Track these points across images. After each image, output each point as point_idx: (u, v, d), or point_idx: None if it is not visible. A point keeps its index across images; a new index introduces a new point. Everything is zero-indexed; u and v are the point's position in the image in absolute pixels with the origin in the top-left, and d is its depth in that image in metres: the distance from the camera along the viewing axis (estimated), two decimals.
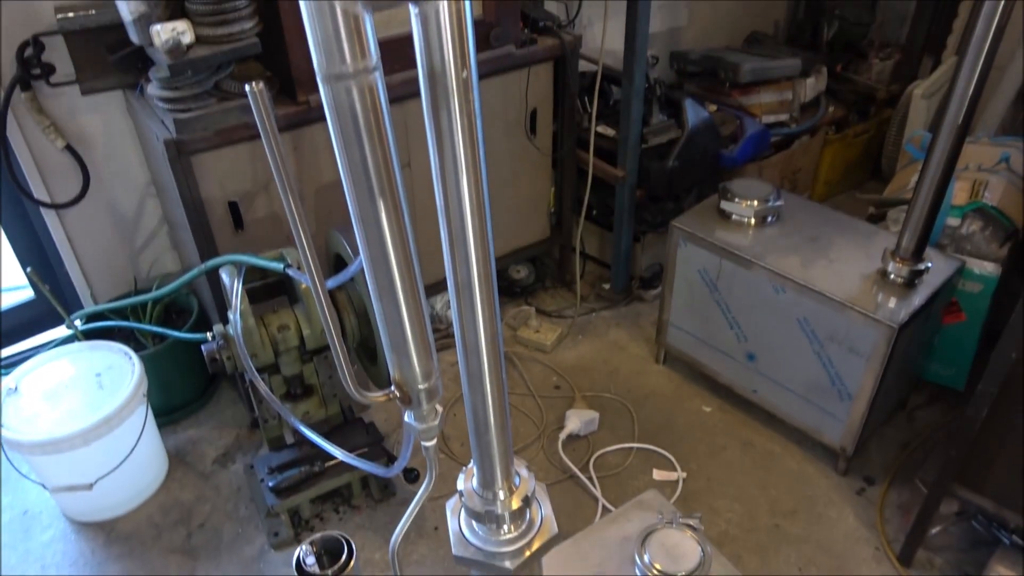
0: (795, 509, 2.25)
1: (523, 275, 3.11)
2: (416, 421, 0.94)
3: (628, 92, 2.59)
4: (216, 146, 2.09)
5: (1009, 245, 2.29)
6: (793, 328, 2.23)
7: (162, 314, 2.62)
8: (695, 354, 2.61)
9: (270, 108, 0.66)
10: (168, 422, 2.59)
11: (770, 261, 2.23)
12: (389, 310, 0.82)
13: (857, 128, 3.47)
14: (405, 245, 0.77)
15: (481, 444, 1.01)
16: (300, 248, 0.82)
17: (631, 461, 2.41)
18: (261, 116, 0.66)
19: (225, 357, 1.93)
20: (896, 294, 2.10)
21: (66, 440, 2.05)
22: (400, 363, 0.87)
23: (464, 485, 1.10)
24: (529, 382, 2.72)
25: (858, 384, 2.15)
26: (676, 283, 2.53)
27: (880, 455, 2.41)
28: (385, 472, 1.35)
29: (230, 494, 2.36)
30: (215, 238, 2.24)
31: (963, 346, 2.41)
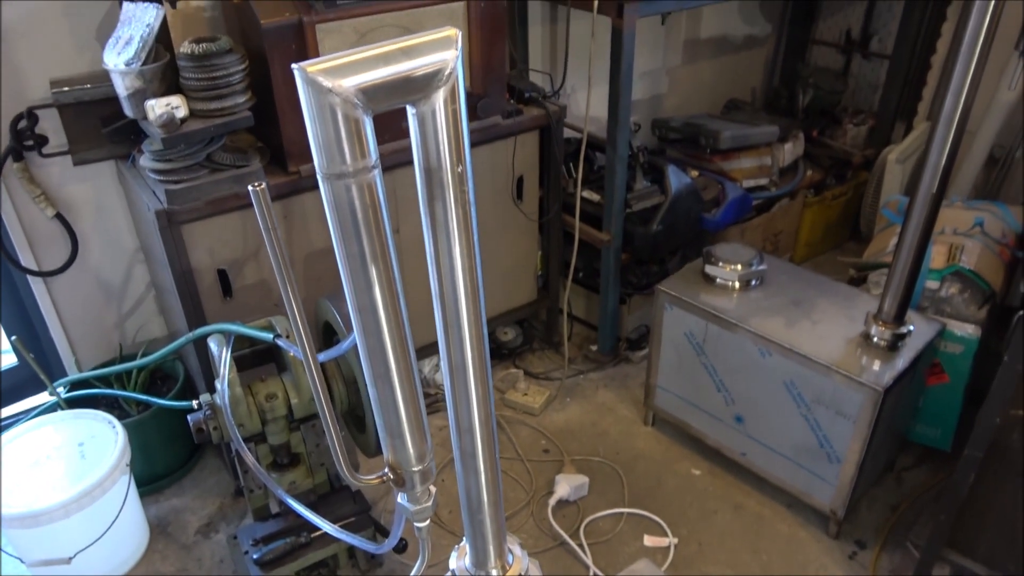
0: (788, 575, 2.23)
1: (511, 337, 3.13)
2: (409, 503, 0.94)
3: (612, 159, 2.65)
4: (206, 215, 2.11)
5: (987, 307, 2.34)
6: (780, 391, 2.25)
7: (147, 380, 2.60)
8: (683, 416, 2.61)
9: (271, 207, 0.68)
10: (151, 491, 2.54)
11: (755, 324, 2.26)
12: (384, 394, 0.83)
13: (835, 191, 3.56)
14: (401, 330, 0.79)
15: (474, 523, 1.01)
16: (292, 320, 0.84)
17: (622, 527, 2.39)
18: (263, 214, 0.68)
19: (212, 427, 1.91)
20: (880, 357, 2.13)
21: (46, 513, 2.01)
22: (394, 446, 0.88)
23: (456, 563, 1.09)
24: (518, 446, 2.70)
25: (846, 446, 2.16)
26: (663, 346, 2.55)
27: (871, 517, 2.41)
28: (375, 548, 1.33)
29: (212, 566, 2.30)
30: (203, 305, 2.24)
31: (947, 407, 2.43)
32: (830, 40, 3.86)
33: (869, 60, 3.76)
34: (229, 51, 2.01)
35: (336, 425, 0.89)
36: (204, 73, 1.98)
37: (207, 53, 1.98)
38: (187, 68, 1.99)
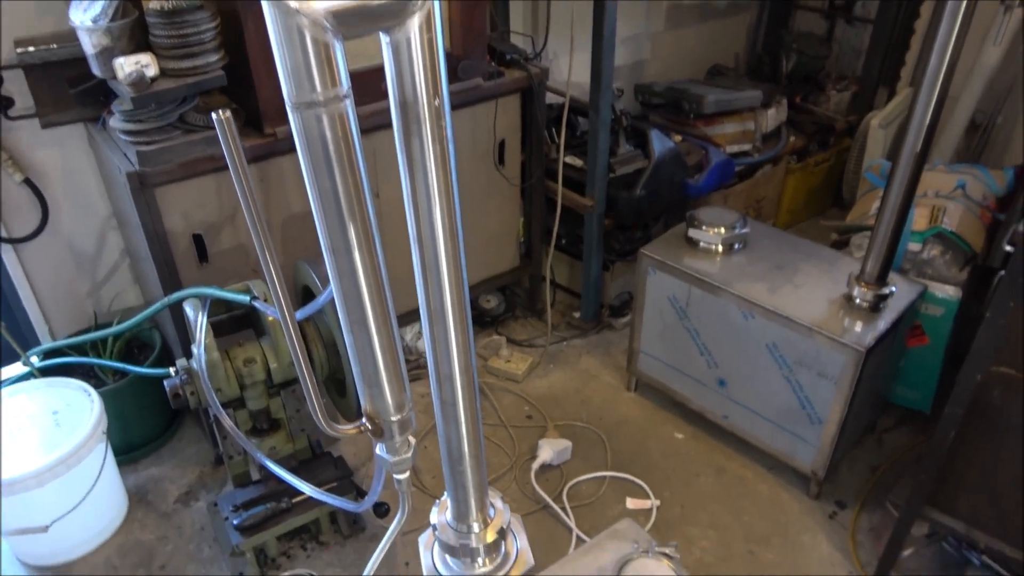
0: (769, 535, 2.25)
1: (493, 305, 3.10)
2: (388, 454, 0.92)
3: (595, 123, 2.62)
4: (180, 178, 2.06)
5: (968, 269, 2.35)
6: (762, 354, 2.25)
7: (123, 349, 2.56)
8: (666, 381, 2.61)
9: (237, 137, 0.65)
10: (128, 460, 2.51)
11: (738, 287, 2.26)
12: (360, 341, 0.80)
13: (818, 157, 3.55)
14: (377, 273, 0.76)
15: (455, 475, 0.99)
16: (268, 277, 0.81)
17: (604, 490, 2.39)
18: (228, 144, 0.65)
19: (189, 392, 1.88)
20: (862, 318, 2.14)
21: (20, 481, 1.97)
22: (372, 395, 0.86)
23: (437, 518, 1.08)
24: (501, 412, 2.69)
25: (828, 408, 2.16)
26: (646, 310, 2.54)
27: (851, 478, 2.43)
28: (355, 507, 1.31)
29: (193, 534, 2.28)
30: (179, 271, 2.19)
31: (928, 369, 2.45)
32: (814, 5, 3.82)
33: (853, 25, 3.74)
34: (200, 7, 1.95)
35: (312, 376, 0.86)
36: (174, 30, 1.92)
37: (177, 9, 1.91)
38: (156, 25, 1.92)
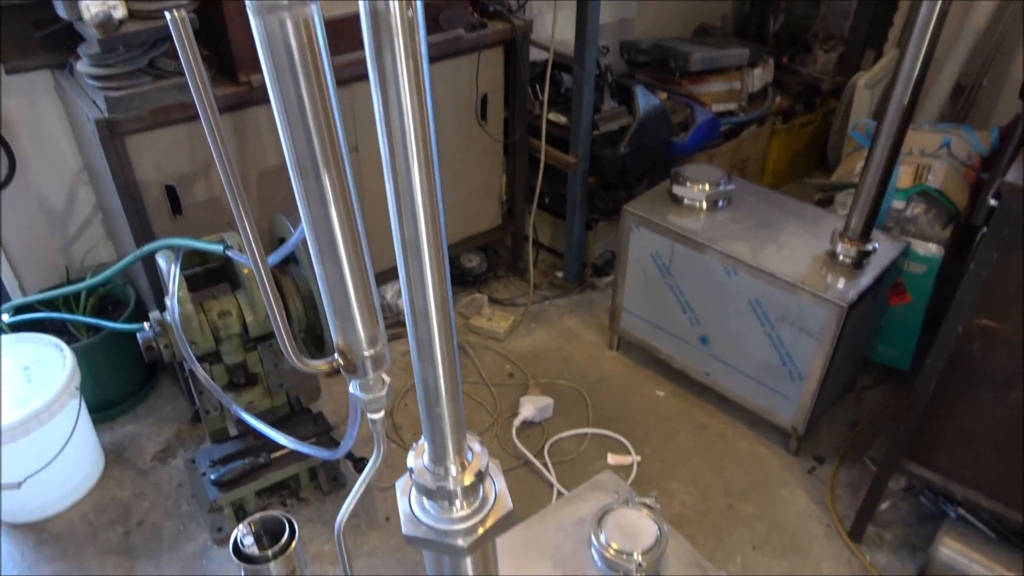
0: (748, 489, 2.26)
1: (475, 264, 3.07)
2: (362, 392, 0.89)
3: (579, 78, 2.57)
4: (151, 127, 2.00)
5: (952, 227, 2.34)
6: (745, 310, 2.24)
7: (97, 306, 2.50)
8: (649, 339, 2.60)
9: (193, 40, 0.61)
10: (104, 418, 2.47)
11: (722, 244, 2.24)
12: (331, 270, 0.77)
13: (803, 119, 3.52)
14: (347, 197, 0.73)
15: (431, 417, 0.96)
16: (237, 216, 0.77)
17: (586, 446, 2.39)
18: (185, 50, 0.61)
19: (162, 345, 1.84)
20: (845, 275, 2.13)
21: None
22: (343, 328, 0.82)
23: (414, 462, 1.05)
24: (482, 370, 2.68)
25: (809, 364, 2.16)
26: (629, 268, 2.52)
27: (830, 435, 2.44)
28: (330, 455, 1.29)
29: (170, 490, 2.26)
30: (152, 224, 2.14)
31: (909, 327, 2.46)
32: None
33: None
34: None
35: (279, 303, 0.83)
36: None
37: None
38: None
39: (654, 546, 1.52)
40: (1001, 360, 1.68)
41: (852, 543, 2.11)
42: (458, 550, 1.05)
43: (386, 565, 2.06)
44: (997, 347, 1.67)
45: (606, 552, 1.52)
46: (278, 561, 0.88)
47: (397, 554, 2.08)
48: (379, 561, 2.07)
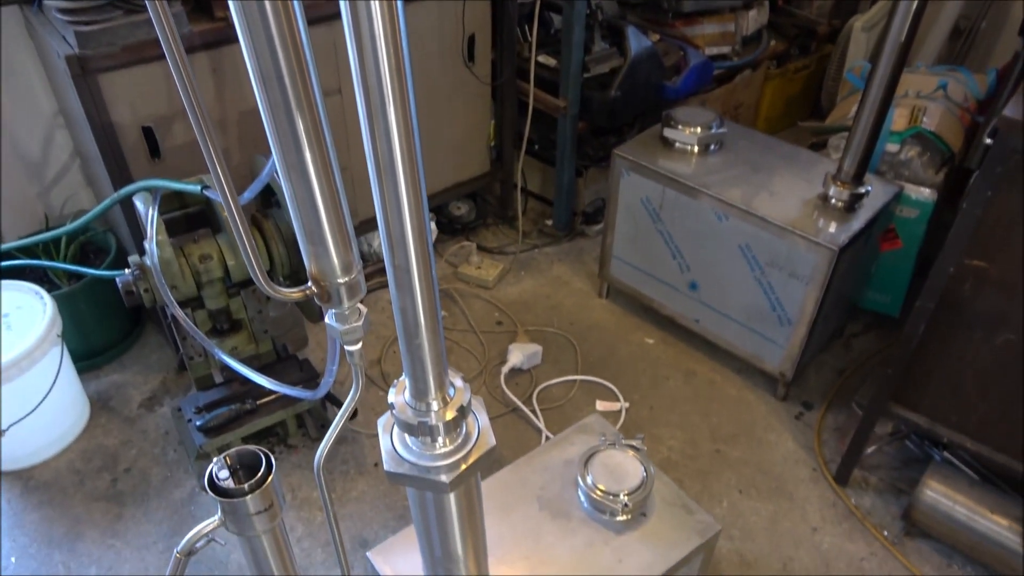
0: (735, 435, 2.27)
1: (464, 212, 3.03)
2: (338, 322, 0.87)
3: (569, 16, 2.49)
4: (125, 64, 1.92)
5: (945, 171, 2.31)
6: (735, 255, 2.22)
7: (78, 254, 2.46)
8: (638, 286, 2.58)
9: None
10: (89, 367, 2.45)
11: (713, 188, 2.20)
12: (300, 190, 0.73)
13: (798, 63, 3.45)
14: (313, 109, 0.69)
15: (411, 349, 0.94)
16: (204, 148, 0.73)
17: (574, 393, 2.39)
18: None
19: (142, 289, 1.80)
20: (837, 218, 2.10)
21: None
22: (316, 253, 0.79)
23: (396, 398, 1.03)
24: (471, 318, 2.66)
25: (798, 309, 2.15)
26: (619, 214, 2.48)
27: (818, 381, 2.45)
28: (311, 395, 1.27)
29: (157, 438, 2.25)
30: (129, 168, 2.08)
31: (899, 273, 2.44)
32: None
33: None
34: None
35: (250, 234, 0.80)
36: None
37: None
38: None
39: (640, 487, 1.52)
40: (991, 301, 1.66)
41: (837, 486, 2.12)
42: (441, 486, 1.03)
43: (375, 510, 2.06)
44: (987, 288, 1.65)
45: (592, 493, 1.52)
46: (255, 495, 0.86)
47: (386, 499, 2.09)
48: (368, 506, 2.07)
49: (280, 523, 0.94)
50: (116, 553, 1.97)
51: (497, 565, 1.43)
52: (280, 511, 0.92)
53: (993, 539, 1.84)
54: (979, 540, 1.86)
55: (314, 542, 1.99)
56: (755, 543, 1.99)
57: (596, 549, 1.47)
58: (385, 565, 1.45)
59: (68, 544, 1.98)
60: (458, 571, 1.24)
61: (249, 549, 0.94)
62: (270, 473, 0.88)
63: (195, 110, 0.71)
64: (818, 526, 2.03)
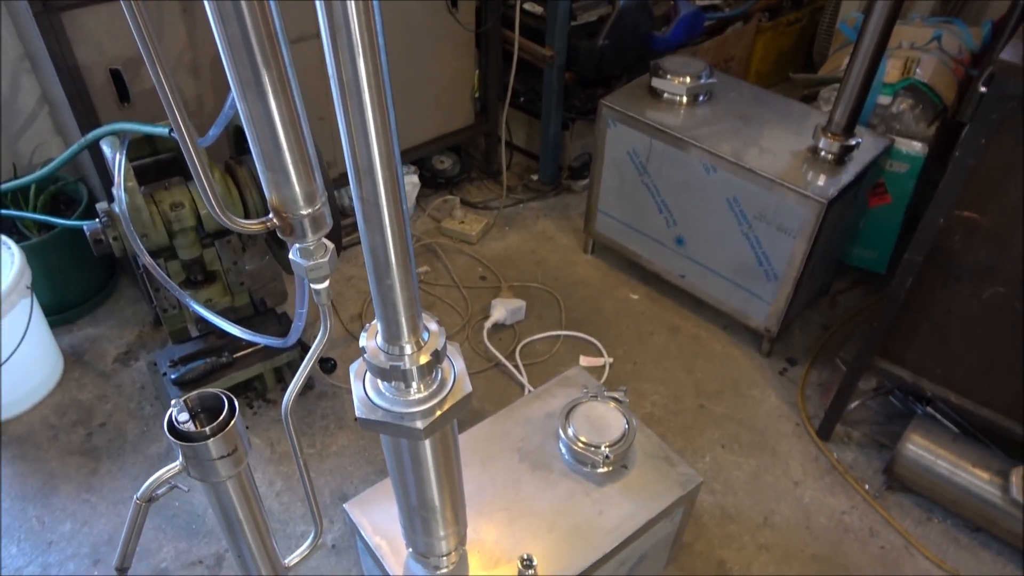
0: (719, 390, 2.25)
1: (447, 166, 2.96)
2: (302, 258, 0.82)
3: None
4: (89, 0, 1.83)
5: (937, 124, 2.27)
6: (722, 209, 2.18)
7: (48, 204, 2.38)
8: (624, 241, 2.54)
9: None
10: (62, 320, 2.39)
11: (701, 140, 2.15)
12: (255, 108, 0.68)
13: (790, 16, 3.37)
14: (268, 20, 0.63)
15: (382, 289, 0.90)
16: (154, 75, 0.67)
17: (558, 348, 2.36)
18: None
19: (111, 238, 1.74)
20: (826, 171, 2.06)
21: None
22: (276, 182, 0.74)
23: (367, 342, 0.99)
24: (454, 273, 2.61)
25: (785, 264, 2.12)
26: (605, 167, 2.43)
27: (803, 338, 2.43)
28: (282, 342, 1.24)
29: (133, 392, 2.21)
30: (98, 114, 2.00)
31: (887, 229, 2.41)
32: None
33: None
34: None
35: (205, 160, 0.75)
36: None
37: None
38: None
39: (622, 439, 1.50)
40: (980, 253, 1.64)
41: (820, 441, 2.12)
42: (415, 433, 1.00)
43: (355, 464, 2.04)
44: (977, 240, 1.62)
45: (574, 445, 1.50)
46: (217, 439, 0.82)
47: (366, 454, 2.06)
48: (348, 461, 2.05)
49: (246, 469, 0.90)
50: (91, 507, 1.94)
51: (476, 517, 1.41)
52: (246, 456, 0.89)
53: (974, 492, 1.84)
54: (960, 493, 1.86)
55: (293, 496, 1.97)
56: (737, 497, 1.98)
57: (577, 501, 1.46)
58: (362, 517, 1.43)
59: (42, 499, 1.95)
60: (435, 521, 1.21)
61: (214, 496, 0.91)
62: (233, 417, 0.84)
63: (143, 35, 0.66)
64: (800, 480, 2.03)
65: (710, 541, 1.89)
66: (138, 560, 1.82)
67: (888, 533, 1.92)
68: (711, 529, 1.91)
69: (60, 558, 1.83)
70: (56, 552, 1.84)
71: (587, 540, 1.40)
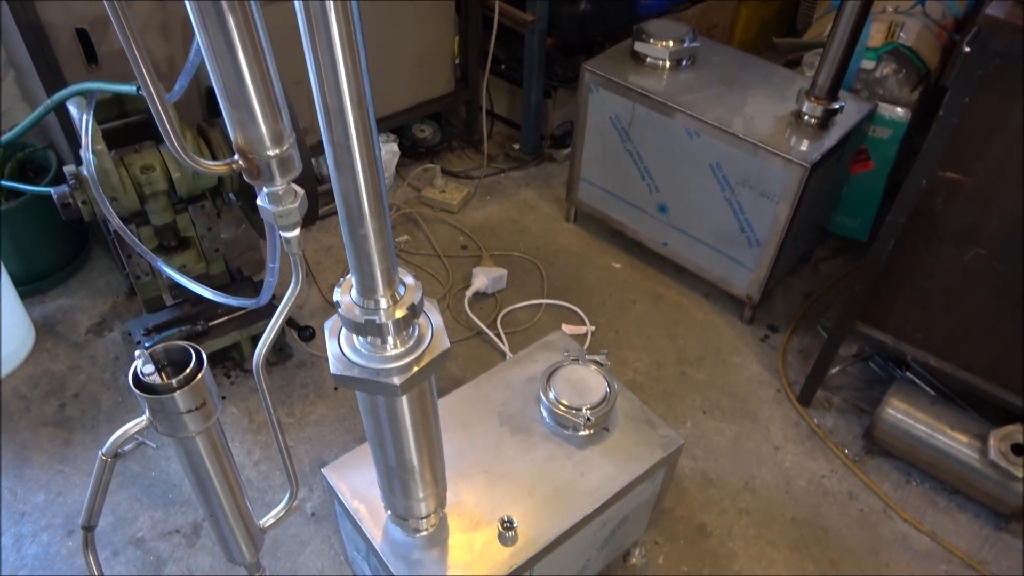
0: (701, 357, 2.25)
1: (428, 134, 2.92)
2: (271, 203, 0.79)
3: None
4: None
5: (920, 89, 2.25)
6: (705, 175, 2.16)
7: (16, 172, 2.32)
8: (606, 209, 2.52)
9: None
10: (33, 291, 2.34)
11: (684, 104, 2.13)
12: (215, 39, 0.65)
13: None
14: None
15: (356, 240, 0.87)
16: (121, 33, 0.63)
17: (540, 317, 2.34)
18: None
19: (80, 201, 1.69)
20: (809, 136, 2.04)
21: None
22: (240, 120, 0.71)
23: (342, 296, 0.96)
24: (435, 242, 2.58)
25: (767, 229, 2.11)
26: (587, 133, 2.40)
27: (784, 305, 2.43)
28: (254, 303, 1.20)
29: (107, 363, 2.17)
30: (64, 75, 1.94)
31: (869, 197, 2.41)
32: None
33: None
34: None
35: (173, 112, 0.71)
36: None
37: None
38: None
39: (603, 401, 1.49)
40: (962, 215, 1.63)
41: (800, 407, 2.12)
42: (392, 389, 0.98)
43: (334, 433, 2.02)
44: (960, 201, 1.62)
45: (555, 408, 1.48)
46: (184, 392, 0.80)
47: (346, 422, 2.04)
48: (327, 429, 2.03)
49: (216, 425, 0.88)
50: (65, 478, 1.90)
51: (456, 480, 1.40)
52: (215, 411, 0.86)
53: (952, 455, 1.85)
54: (938, 456, 1.88)
55: (272, 465, 1.95)
56: (718, 462, 1.99)
57: (557, 463, 1.44)
58: (340, 481, 1.41)
59: (15, 470, 1.92)
60: (414, 482, 1.20)
61: (184, 453, 0.88)
62: (201, 369, 0.81)
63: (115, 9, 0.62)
64: (780, 445, 2.04)
65: (691, 505, 1.89)
66: (113, 530, 1.80)
67: (867, 496, 1.94)
68: (692, 494, 1.91)
69: (33, 529, 1.80)
70: (29, 523, 1.81)
71: (568, 502, 1.39)
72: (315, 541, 1.80)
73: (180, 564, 1.75)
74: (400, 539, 1.32)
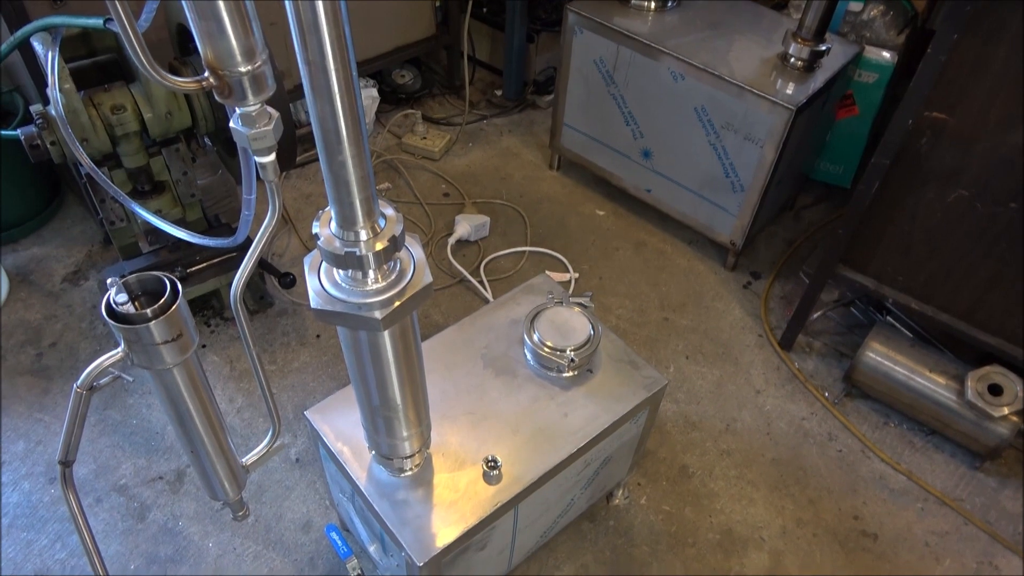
0: (684, 303, 2.25)
1: (408, 80, 2.86)
2: (244, 125, 0.76)
3: None
4: None
5: (907, 32, 2.23)
6: (690, 118, 2.13)
7: None
8: (590, 156, 2.49)
9: None
10: (4, 240, 2.29)
11: (669, 46, 2.09)
12: None
13: None
14: None
15: (334, 168, 0.84)
16: None
17: (523, 264, 2.33)
18: None
19: (48, 142, 1.64)
20: (795, 79, 2.02)
21: None
22: (209, 32, 0.68)
23: (321, 229, 0.94)
24: (416, 190, 2.54)
25: (751, 174, 2.10)
26: (571, 77, 2.36)
27: (767, 252, 2.43)
28: (229, 241, 1.18)
29: (84, 312, 2.13)
30: (28, 13, 1.86)
31: (853, 142, 2.40)
32: None
33: None
34: None
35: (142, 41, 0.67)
36: None
37: None
38: None
39: (587, 343, 1.49)
40: (947, 156, 1.62)
41: (782, 351, 2.14)
42: (373, 323, 0.96)
43: (317, 380, 2.01)
44: (944, 142, 1.61)
45: (539, 350, 1.48)
46: (159, 322, 0.78)
47: (328, 369, 2.03)
48: (310, 376, 2.02)
49: (193, 358, 0.86)
50: (45, 427, 1.89)
51: (440, 421, 1.40)
52: (192, 343, 0.84)
53: (930, 396, 1.88)
54: (917, 397, 1.90)
55: (255, 412, 1.94)
56: (700, 405, 2.01)
57: (541, 404, 1.45)
58: (323, 424, 1.40)
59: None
60: (398, 420, 1.19)
61: (161, 387, 0.86)
62: (176, 299, 0.79)
63: None
64: (761, 389, 2.06)
65: (673, 447, 1.91)
66: (96, 477, 1.79)
67: (846, 437, 1.97)
68: (674, 436, 1.93)
69: (15, 477, 1.79)
70: (10, 471, 1.80)
71: (552, 441, 1.39)
72: (300, 486, 1.80)
73: (164, 510, 1.75)
74: (385, 479, 1.32)
